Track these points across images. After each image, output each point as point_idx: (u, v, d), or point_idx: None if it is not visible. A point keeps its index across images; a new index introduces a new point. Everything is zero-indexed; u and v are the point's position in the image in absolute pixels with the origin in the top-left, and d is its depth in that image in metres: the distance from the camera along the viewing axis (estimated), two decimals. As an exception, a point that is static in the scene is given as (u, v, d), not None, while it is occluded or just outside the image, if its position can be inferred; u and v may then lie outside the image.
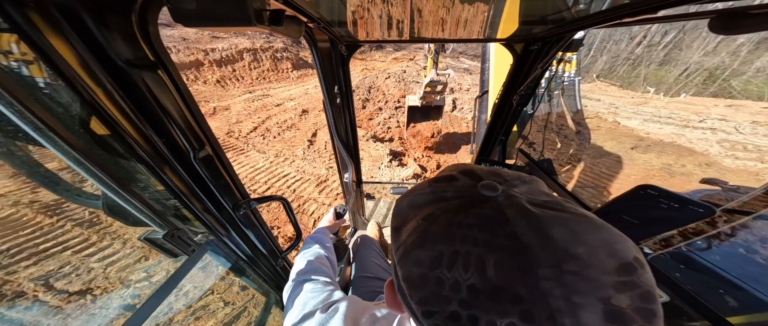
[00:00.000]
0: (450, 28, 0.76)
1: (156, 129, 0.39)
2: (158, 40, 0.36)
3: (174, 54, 9.56)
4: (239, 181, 0.56)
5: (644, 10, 0.48)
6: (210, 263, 0.64)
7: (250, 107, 7.93)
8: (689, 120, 8.46)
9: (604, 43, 18.57)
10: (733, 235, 1.07)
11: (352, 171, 1.45)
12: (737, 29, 0.39)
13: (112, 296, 1.99)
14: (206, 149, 0.47)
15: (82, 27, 0.29)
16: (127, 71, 0.34)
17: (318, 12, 0.62)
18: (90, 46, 0.30)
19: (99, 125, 0.34)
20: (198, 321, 1.77)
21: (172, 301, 1.72)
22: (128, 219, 0.41)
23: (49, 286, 1.95)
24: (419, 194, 0.28)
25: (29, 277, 2.00)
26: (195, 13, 0.35)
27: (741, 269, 1.04)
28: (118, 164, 0.37)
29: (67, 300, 1.88)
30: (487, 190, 0.24)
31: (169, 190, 0.44)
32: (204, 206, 0.51)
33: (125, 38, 0.33)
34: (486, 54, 3.13)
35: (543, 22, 0.71)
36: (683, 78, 15.13)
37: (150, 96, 0.37)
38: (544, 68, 0.96)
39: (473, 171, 0.28)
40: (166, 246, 0.47)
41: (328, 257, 0.75)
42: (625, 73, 16.45)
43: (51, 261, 2.19)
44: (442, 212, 0.24)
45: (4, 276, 1.95)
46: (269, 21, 0.40)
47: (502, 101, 1.20)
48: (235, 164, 4.98)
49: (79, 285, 2.02)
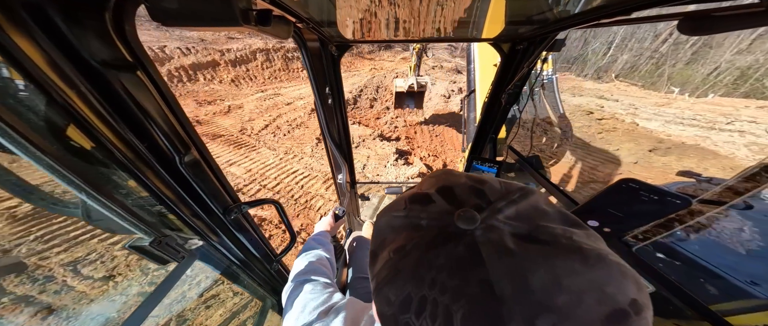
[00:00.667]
0: (439, 28, 0.76)
1: (137, 133, 0.37)
2: (136, 39, 0.34)
3: (192, 55, 9.90)
4: (229, 185, 0.55)
5: (619, 12, 0.51)
6: (202, 269, 0.63)
7: (262, 106, 8.11)
8: (715, 122, 8.01)
9: (625, 41, 17.73)
10: (709, 225, 1.09)
11: (345, 172, 1.45)
12: (703, 30, 0.41)
13: (102, 303, 1.96)
14: (192, 153, 0.45)
15: (50, 26, 0.28)
16: (102, 73, 0.32)
17: (307, 12, 0.61)
18: (60, 47, 0.29)
19: (74, 129, 0.32)
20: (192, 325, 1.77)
21: (164, 308, 1.71)
22: (111, 227, 0.39)
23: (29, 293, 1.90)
24: (395, 215, 0.25)
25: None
26: (176, 12, 0.33)
27: (718, 257, 1.08)
28: (98, 171, 0.36)
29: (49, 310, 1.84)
30: (463, 221, 0.21)
31: (155, 196, 0.42)
32: (193, 212, 0.50)
33: (99, 38, 0.31)
34: (471, 55, 3.23)
35: (528, 22, 0.74)
36: (712, 78, 14.23)
37: (129, 98, 0.35)
38: (529, 67, 0.99)
39: (452, 190, 0.24)
40: (154, 253, 0.45)
41: (329, 258, 0.74)
42: (647, 72, 15.66)
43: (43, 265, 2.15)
44: (413, 246, 0.21)
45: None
46: (256, 21, 0.38)
47: (491, 100, 1.24)
48: (247, 161, 5.12)
49: (60, 296, 1.96)
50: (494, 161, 1.31)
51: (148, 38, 9.87)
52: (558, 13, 0.62)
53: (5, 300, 1.94)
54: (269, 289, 0.81)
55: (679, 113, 9.08)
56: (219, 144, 5.74)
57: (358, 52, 17.41)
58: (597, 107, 9.47)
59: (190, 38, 10.96)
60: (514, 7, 0.62)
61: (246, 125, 6.72)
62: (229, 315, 1.76)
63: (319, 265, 0.68)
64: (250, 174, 4.83)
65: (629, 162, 5.58)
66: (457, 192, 0.24)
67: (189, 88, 8.97)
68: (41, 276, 2.14)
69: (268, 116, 7.37)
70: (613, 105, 9.95)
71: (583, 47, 19.60)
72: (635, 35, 17.51)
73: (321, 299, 0.52)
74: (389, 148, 5.91)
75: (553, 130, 5.22)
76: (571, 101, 10.31)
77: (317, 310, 0.49)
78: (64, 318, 1.85)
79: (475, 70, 2.98)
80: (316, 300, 0.52)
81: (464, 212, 0.21)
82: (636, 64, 16.60)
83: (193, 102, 7.89)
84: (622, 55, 17.23)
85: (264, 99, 8.84)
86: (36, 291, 2.04)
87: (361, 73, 13.57)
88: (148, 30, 10.21)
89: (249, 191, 4.44)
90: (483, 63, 2.80)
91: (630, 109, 9.57)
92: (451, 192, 0.24)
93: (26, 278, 2.12)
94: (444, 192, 0.24)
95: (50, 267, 2.23)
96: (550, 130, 5.34)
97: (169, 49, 9.59)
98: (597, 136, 6.90)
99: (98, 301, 2.04)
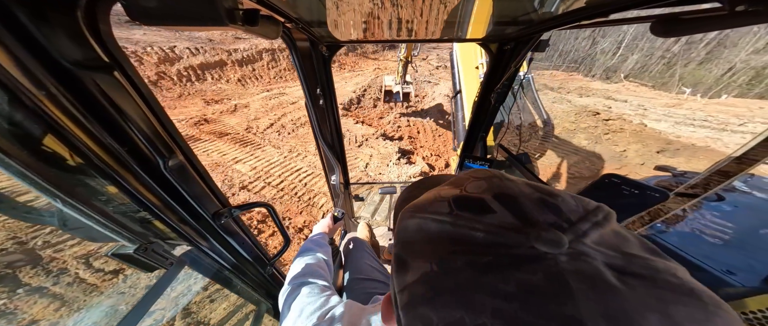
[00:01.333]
0: (429, 28, 0.76)
1: (116, 137, 0.36)
2: (112, 39, 0.32)
3: (201, 55, 10.07)
4: (217, 188, 0.53)
5: (598, 14, 0.54)
6: (192, 274, 0.62)
7: (267, 105, 8.21)
8: (728, 123, 7.79)
9: (636, 41, 17.33)
10: (685, 216, 1.15)
11: (339, 173, 1.44)
12: (673, 32, 0.42)
13: (87, 312, 1.91)
14: (177, 156, 0.43)
15: (14, 25, 0.26)
16: (75, 74, 0.30)
17: (296, 12, 0.60)
18: (29, 48, 0.27)
19: (43, 132, 0.30)
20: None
21: (154, 316, 1.69)
22: (91, 235, 0.38)
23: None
24: (434, 219, 0.21)
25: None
26: (156, 10, 0.31)
27: (696, 248, 1.13)
28: (73, 177, 0.34)
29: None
30: (545, 243, 0.16)
31: (138, 202, 0.41)
32: (180, 218, 0.48)
33: (71, 38, 0.29)
34: (453, 60, 3.37)
35: (514, 23, 0.75)
36: (726, 78, 13.80)
37: (106, 101, 0.33)
38: (517, 67, 1.02)
39: (517, 200, 0.19)
40: (140, 260, 0.44)
41: (326, 260, 0.73)
42: (658, 72, 15.29)
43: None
44: (466, 263, 0.17)
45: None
46: (243, 21, 0.36)
47: (481, 99, 1.26)
48: (252, 159, 5.17)
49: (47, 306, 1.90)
50: (485, 159, 1.34)
51: (159, 38, 10.06)
52: (542, 15, 0.64)
53: (20, 291, 1.98)
54: (263, 293, 0.80)
55: (690, 114, 8.87)
56: (225, 142, 5.81)
57: (362, 52, 17.43)
58: (604, 107, 9.28)
59: (199, 38, 11.16)
60: (501, 8, 0.63)
61: (252, 124, 6.79)
62: (223, 320, 1.75)
63: (317, 267, 0.67)
64: (255, 172, 4.87)
65: (636, 163, 5.46)
66: (524, 204, 0.19)
67: (198, 87, 9.11)
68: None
69: (273, 114, 7.45)
70: (622, 106, 9.75)
71: (591, 47, 19.22)
72: (647, 34, 17.11)
73: (318, 303, 0.51)
74: (392, 147, 5.90)
75: (537, 127, 5.36)
76: (578, 101, 10.12)
77: (315, 314, 0.48)
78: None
79: (459, 73, 3.05)
80: (313, 304, 0.51)
81: (547, 233, 0.17)
82: (647, 64, 16.21)
83: (201, 101, 8.00)
84: (633, 55, 16.85)
85: (269, 98, 8.93)
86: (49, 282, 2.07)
87: (365, 73, 13.58)
88: (157, 30, 10.42)
89: (254, 188, 4.47)
90: (465, 65, 2.88)
91: (639, 110, 9.37)
92: (515, 203, 0.19)
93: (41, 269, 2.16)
94: (506, 201, 0.20)
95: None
96: (534, 128, 5.45)
97: (179, 49, 9.76)
98: (603, 137, 6.75)
99: (88, 306, 2.03)
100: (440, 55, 18.16)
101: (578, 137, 6.81)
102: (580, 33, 18.88)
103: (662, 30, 0.43)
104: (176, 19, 0.31)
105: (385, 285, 0.92)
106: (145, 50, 8.86)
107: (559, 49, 19.67)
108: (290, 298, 0.55)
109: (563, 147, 5.99)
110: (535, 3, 0.56)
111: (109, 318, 1.88)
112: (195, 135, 5.94)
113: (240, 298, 0.77)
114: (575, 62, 18.82)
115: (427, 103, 9.48)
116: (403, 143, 6.33)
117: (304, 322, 0.47)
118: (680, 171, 1.42)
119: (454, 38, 0.98)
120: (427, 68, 14.26)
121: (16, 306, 1.89)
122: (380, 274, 0.98)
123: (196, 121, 6.48)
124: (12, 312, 1.85)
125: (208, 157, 5.15)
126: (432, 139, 6.72)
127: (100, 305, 2.06)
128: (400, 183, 2.06)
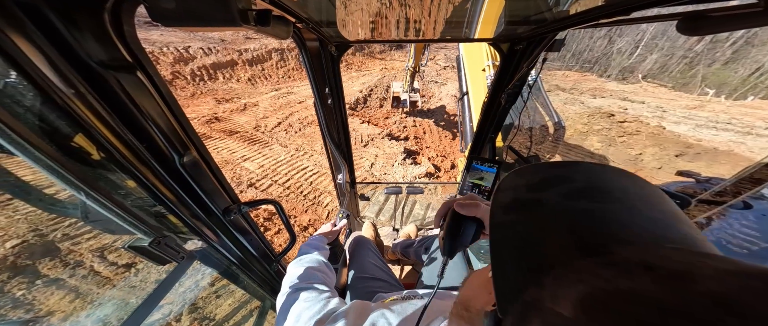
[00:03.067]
0: (438, 28, 0.76)
1: (136, 133, 0.37)
2: (135, 40, 0.34)
3: (213, 55, 10.38)
4: (228, 184, 0.54)
5: (618, 12, 0.51)
6: (201, 269, 0.64)
7: (276, 104, 8.36)
8: (753, 126, 7.35)
9: (655, 40, 16.62)
10: (708, 225, 1.06)
11: (345, 172, 1.44)
12: (702, 31, 0.41)
13: (100, 304, 1.96)
14: (192, 153, 0.45)
15: (48, 27, 0.28)
16: (101, 73, 0.32)
17: (306, 12, 0.60)
18: (59, 47, 0.29)
19: (73, 129, 0.32)
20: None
21: (163, 309, 1.72)
22: (110, 227, 0.40)
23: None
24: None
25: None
26: (175, 12, 0.32)
27: None
28: (96, 171, 0.36)
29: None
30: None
31: (154, 196, 0.42)
32: (192, 212, 0.50)
33: (98, 39, 0.31)
34: (460, 63, 3.36)
35: (527, 22, 0.73)
36: (753, 78, 13.02)
37: (128, 99, 0.35)
38: (529, 67, 0.99)
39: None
40: (154, 253, 0.46)
41: (325, 263, 0.72)
42: (679, 73, 14.60)
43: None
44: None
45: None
46: (255, 21, 0.37)
47: (490, 100, 1.24)
48: (260, 157, 5.28)
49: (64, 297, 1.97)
50: (494, 161, 1.30)
51: (174, 39, 10.43)
52: (557, 13, 0.62)
53: (39, 282, 2.09)
54: (269, 290, 0.81)
55: (712, 116, 8.42)
56: (235, 140, 5.95)
57: (369, 51, 17.48)
58: (620, 109, 8.95)
59: (211, 39, 11.48)
60: (512, 7, 0.62)
61: (260, 122, 6.93)
62: (228, 316, 1.79)
63: (315, 271, 0.65)
64: (262, 170, 4.97)
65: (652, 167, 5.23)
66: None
67: (210, 86, 9.38)
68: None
69: (281, 113, 7.58)
70: (638, 107, 9.37)
71: (607, 46, 18.56)
72: (667, 33, 16.37)
73: (316, 307, 0.50)
74: (397, 147, 5.89)
75: (548, 128, 5.25)
76: (591, 103, 9.80)
77: (313, 319, 0.47)
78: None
79: (465, 75, 3.05)
80: (311, 309, 0.50)
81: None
82: (666, 64, 15.50)
83: (213, 100, 8.24)
84: (652, 55, 16.15)
85: (278, 97, 9.08)
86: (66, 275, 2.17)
87: (372, 72, 13.62)
88: (173, 31, 10.79)
89: (261, 186, 4.56)
90: (471, 67, 2.86)
91: (657, 112, 8.98)
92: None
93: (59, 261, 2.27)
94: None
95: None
96: (545, 129, 5.35)
97: (193, 49, 10.09)
98: (617, 139, 6.51)
99: (101, 299, 2.09)
100: (448, 55, 17.99)
101: (591, 139, 6.59)
102: (595, 32, 18.27)
103: (690, 28, 0.42)
104: (194, 21, 0.32)
105: (389, 284, 0.92)
106: (162, 50, 9.21)
107: (572, 49, 19.11)
108: (287, 304, 0.54)
109: (576, 151, 5.81)
110: (550, 1, 0.54)
111: (120, 310, 1.95)
112: (206, 133, 6.12)
113: (245, 294, 0.79)
114: (589, 62, 18.22)
115: (434, 103, 9.42)
116: (408, 143, 6.31)
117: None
118: (704, 177, 1.33)
119: (463, 38, 0.97)
120: (435, 68, 14.16)
121: (34, 297, 2.00)
122: (384, 273, 0.98)
123: (208, 119, 6.68)
124: (30, 303, 1.95)
125: (218, 155, 5.29)
126: (438, 139, 6.67)
127: (112, 298, 2.14)
128: (406, 183, 2.05)
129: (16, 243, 2.26)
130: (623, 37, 17.96)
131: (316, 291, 0.57)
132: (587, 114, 8.18)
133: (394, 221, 2.28)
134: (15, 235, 2.31)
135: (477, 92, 2.78)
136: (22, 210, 2.40)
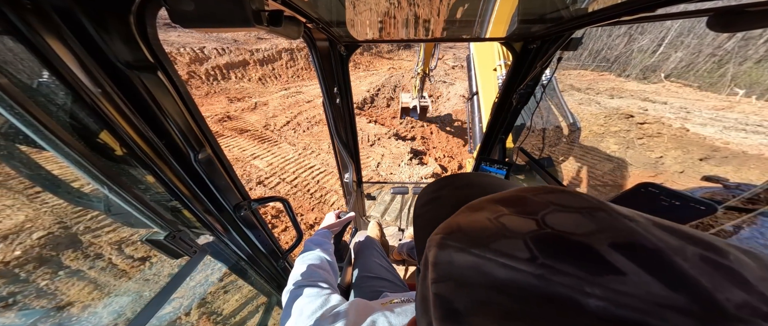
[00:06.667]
0: (448, 28, 0.75)
1: (156, 131, 0.39)
2: (157, 41, 0.36)
3: (227, 55, 10.71)
4: (240, 182, 0.56)
5: (642, 9, 0.49)
6: (212, 264, 0.65)
7: (285, 103, 8.52)
8: (787, 128, 6.79)
9: (681, 37, 15.72)
10: (736, 233, 1.02)
11: (352, 171, 1.45)
12: (735, 27, 0.39)
13: (116, 296, 2.05)
14: (206, 150, 0.47)
15: (80, 29, 0.29)
16: (126, 73, 0.34)
17: (316, 12, 0.61)
18: (89, 49, 0.30)
19: (100, 127, 0.34)
20: (200, 321, 1.83)
21: (174, 303, 1.75)
22: (130, 221, 0.42)
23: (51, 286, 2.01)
24: (501, 260, 0.14)
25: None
26: (193, 14, 0.33)
27: None
28: (119, 166, 0.38)
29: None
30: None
31: (170, 191, 0.44)
32: (205, 207, 0.52)
33: (124, 40, 0.33)
34: (470, 62, 3.29)
35: (541, 21, 0.71)
36: (789, 78, 12.07)
37: (149, 98, 0.37)
38: (543, 67, 0.96)
39: (661, 256, 0.13)
40: (169, 247, 0.48)
41: (329, 260, 0.72)
42: (706, 72, 13.74)
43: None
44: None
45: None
46: (268, 22, 0.38)
47: (501, 100, 1.21)
48: (269, 155, 5.41)
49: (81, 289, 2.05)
50: (503, 163, 1.26)
51: (191, 40, 10.83)
52: (574, 11, 0.60)
53: (61, 273, 2.21)
54: (275, 286, 0.83)
55: (742, 118, 7.87)
56: (245, 138, 6.12)
57: (377, 51, 17.51)
58: (640, 110, 8.51)
59: (225, 39, 11.85)
60: (526, 6, 0.60)
61: (270, 121, 7.09)
62: (236, 311, 1.83)
63: (317, 268, 0.66)
64: (271, 168, 5.08)
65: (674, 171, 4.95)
66: (680, 264, 0.12)
67: (223, 86, 9.69)
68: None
69: (290, 113, 7.72)
70: (660, 108, 8.89)
71: (627, 44, 17.72)
72: (694, 30, 15.43)
73: (317, 303, 0.51)
74: (404, 147, 5.88)
75: (562, 129, 4.99)
76: (609, 103, 9.39)
77: (315, 315, 0.48)
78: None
79: (476, 74, 3.00)
80: (312, 304, 0.51)
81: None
82: (693, 62, 14.60)
83: (226, 99, 8.50)
84: (676, 53, 15.26)
85: (287, 96, 9.26)
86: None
87: (380, 72, 13.63)
88: (189, 32, 11.22)
89: (269, 184, 4.67)
90: (482, 67, 2.81)
91: (680, 113, 8.48)
92: (660, 261, 0.12)
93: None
94: (641, 258, 0.13)
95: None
96: (560, 129, 5.10)
97: (208, 49, 10.45)
98: (636, 141, 6.20)
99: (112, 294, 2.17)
100: (457, 54, 17.75)
101: (607, 141, 6.32)
102: (615, 30, 17.50)
103: (722, 24, 0.40)
104: (211, 22, 0.34)
105: (393, 284, 0.91)
106: (179, 51, 9.59)
107: (589, 47, 18.39)
108: (290, 300, 0.55)
109: (592, 154, 5.58)
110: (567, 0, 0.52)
111: (135, 303, 2.04)
112: (219, 131, 6.32)
113: (252, 291, 0.81)
114: (607, 61, 17.46)
115: (442, 103, 9.32)
116: (415, 143, 6.28)
117: (304, 322, 0.47)
118: (734, 183, 1.24)
119: (474, 38, 0.95)
120: (443, 68, 14.01)
121: (57, 288, 2.12)
122: (389, 273, 0.98)
123: (220, 118, 6.90)
124: (52, 293, 2.07)
125: (230, 153, 5.45)
126: (445, 140, 6.60)
127: (128, 290, 2.24)
128: (412, 184, 2.04)
129: (42, 234, 2.42)
130: (645, 34, 17.10)
131: (318, 287, 0.58)
132: (604, 115, 7.85)
133: (399, 221, 2.27)
134: (41, 227, 2.46)
135: (487, 92, 2.73)
136: (50, 203, 2.56)
